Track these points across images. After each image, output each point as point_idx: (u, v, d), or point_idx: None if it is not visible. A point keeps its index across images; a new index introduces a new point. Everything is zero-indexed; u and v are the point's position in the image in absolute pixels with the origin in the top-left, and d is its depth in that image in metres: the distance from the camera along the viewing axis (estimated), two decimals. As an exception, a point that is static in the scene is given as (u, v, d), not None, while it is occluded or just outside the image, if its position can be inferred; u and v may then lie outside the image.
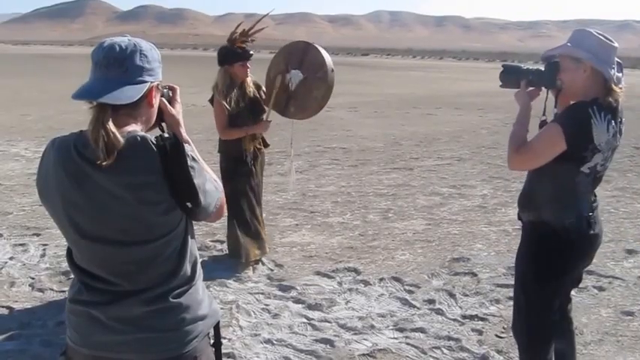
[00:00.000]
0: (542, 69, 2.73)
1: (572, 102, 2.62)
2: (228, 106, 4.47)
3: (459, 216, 6.50)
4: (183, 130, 1.78)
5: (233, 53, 4.49)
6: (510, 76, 2.83)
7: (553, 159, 2.54)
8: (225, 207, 1.82)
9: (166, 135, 1.60)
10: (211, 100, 4.60)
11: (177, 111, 1.80)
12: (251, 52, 4.54)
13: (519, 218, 2.90)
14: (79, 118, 11.07)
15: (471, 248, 5.44)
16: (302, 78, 4.46)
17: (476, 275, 4.78)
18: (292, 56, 4.55)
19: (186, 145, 1.61)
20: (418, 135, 12.40)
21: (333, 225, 6.10)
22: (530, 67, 2.83)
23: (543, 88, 2.76)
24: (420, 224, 6.19)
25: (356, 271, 4.85)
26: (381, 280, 4.67)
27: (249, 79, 4.63)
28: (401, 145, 11.19)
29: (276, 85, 4.51)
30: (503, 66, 2.89)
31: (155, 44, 1.71)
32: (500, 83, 2.88)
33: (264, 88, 4.72)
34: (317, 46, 4.50)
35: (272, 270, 4.84)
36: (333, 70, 4.46)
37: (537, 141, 2.60)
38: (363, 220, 6.31)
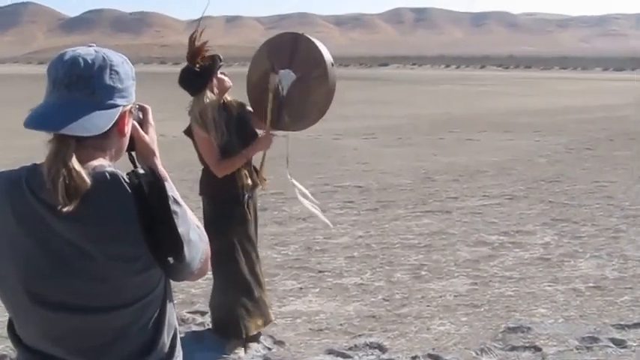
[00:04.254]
0: None
1: None
2: (216, 138, 4.39)
3: (514, 272, 6.49)
4: (158, 163, 1.79)
5: (205, 69, 4.41)
6: None
7: None
8: (210, 262, 1.81)
9: (141, 171, 1.59)
10: (187, 132, 4.58)
11: (152, 137, 1.82)
12: (218, 54, 4.47)
13: None
14: (16, 155, 11.16)
15: (531, 314, 5.42)
16: (294, 79, 4.49)
17: (540, 350, 4.76)
18: (279, 53, 4.56)
19: (166, 184, 1.60)
20: (456, 167, 12.49)
21: (348, 287, 6.10)
22: None
23: None
24: (462, 284, 6.18)
25: (380, 347, 4.83)
26: (414, 358, 4.65)
27: (230, 98, 4.62)
28: (434, 180, 11.26)
29: (271, 85, 4.48)
30: None
31: None
32: None
33: (249, 107, 4.71)
34: (309, 36, 4.53)
35: (270, 349, 4.82)
36: (333, 65, 4.51)
37: None
38: (387, 280, 6.31)
